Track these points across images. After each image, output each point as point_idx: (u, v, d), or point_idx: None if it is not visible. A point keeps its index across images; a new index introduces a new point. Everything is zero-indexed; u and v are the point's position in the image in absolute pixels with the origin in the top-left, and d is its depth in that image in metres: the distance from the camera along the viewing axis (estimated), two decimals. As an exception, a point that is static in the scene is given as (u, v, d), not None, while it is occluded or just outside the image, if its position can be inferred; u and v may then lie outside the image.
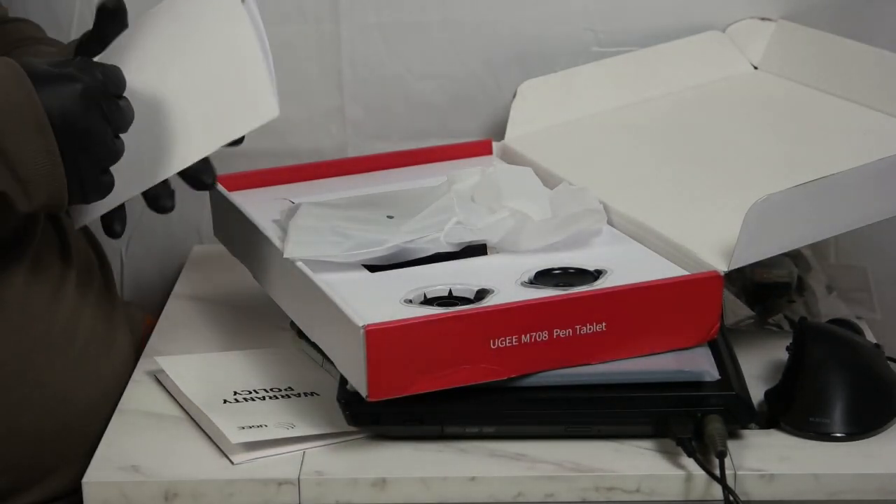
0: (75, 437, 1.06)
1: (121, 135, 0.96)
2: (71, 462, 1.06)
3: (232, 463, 1.01)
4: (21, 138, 0.92)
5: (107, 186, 0.97)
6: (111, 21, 1.04)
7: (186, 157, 0.99)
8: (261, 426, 1.03)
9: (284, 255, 1.06)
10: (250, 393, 1.09)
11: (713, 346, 1.04)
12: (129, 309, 1.24)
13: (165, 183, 1.01)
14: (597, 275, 1.05)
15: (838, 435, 1.03)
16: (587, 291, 1.01)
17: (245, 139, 1.03)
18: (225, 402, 1.08)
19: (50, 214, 1.09)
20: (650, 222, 1.12)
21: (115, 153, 0.96)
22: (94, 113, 0.94)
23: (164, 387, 1.13)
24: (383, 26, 1.39)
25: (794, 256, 1.31)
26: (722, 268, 1.03)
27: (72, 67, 0.94)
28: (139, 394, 1.12)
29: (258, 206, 1.16)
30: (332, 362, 1.03)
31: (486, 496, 1.00)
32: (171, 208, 1.03)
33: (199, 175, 1.02)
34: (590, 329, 1.00)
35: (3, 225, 1.02)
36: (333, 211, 1.12)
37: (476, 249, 1.10)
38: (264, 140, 1.39)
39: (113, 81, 0.95)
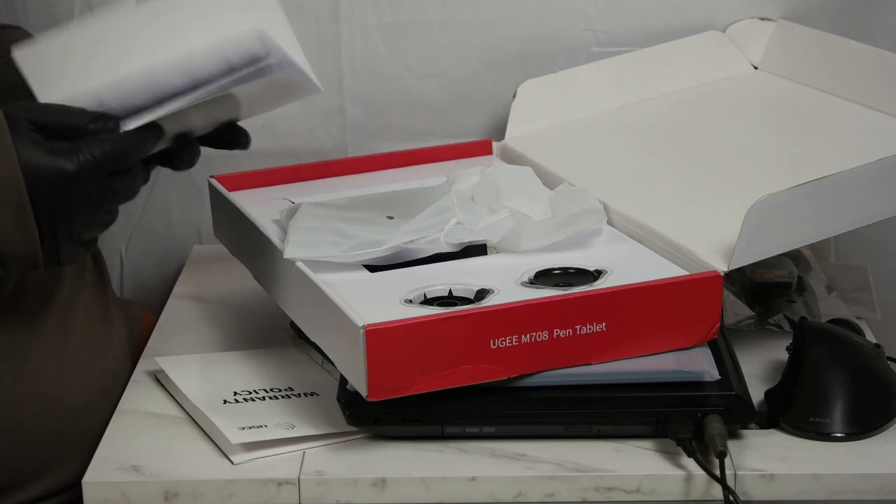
0: (73, 434, 1.06)
1: None
2: (69, 458, 1.06)
3: (232, 463, 1.01)
4: (5, 223, 0.91)
5: (85, 253, 0.96)
6: None
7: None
8: (261, 426, 1.03)
9: (284, 256, 1.06)
10: (250, 393, 1.09)
11: (713, 346, 1.04)
12: (127, 306, 1.24)
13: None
14: (597, 275, 1.05)
15: (838, 435, 1.03)
16: (587, 291, 1.01)
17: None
18: (225, 402, 1.08)
19: None
20: (650, 222, 1.12)
21: (101, 227, 0.95)
22: (81, 196, 0.92)
23: (164, 387, 1.13)
24: (383, 26, 1.39)
25: (794, 256, 1.31)
26: (722, 268, 1.03)
27: (69, 143, 0.92)
28: (139, 394, 1.12)
29: (258, 206, 1.16)
30: (332, 362, 1.03)
31: (486, 496, 1.00)
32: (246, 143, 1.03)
33: (237, 136, 1.02)
34: (590, 329, 1.00)
35: None
36: (333, 211, 1.12)
37: (476, 249, 1.10)
38: (264, 140, 1.39)
39: (113, 158, 0.92)
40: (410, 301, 1.02)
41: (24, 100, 1.06)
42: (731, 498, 0.96)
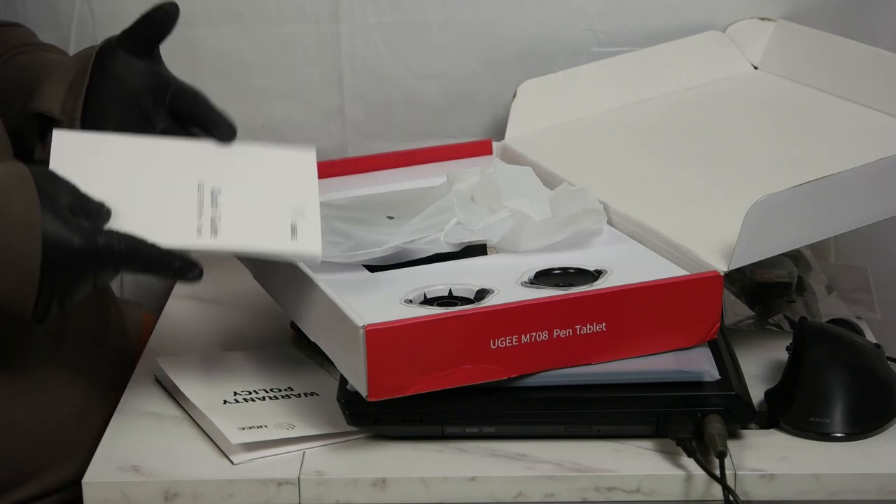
0: (73, 434, 1.06)
1: None
2: (69, 458, 1.06)
3: (232, 463, 1.01)
4: (7, 285, 0.92)
5: (59, 314, 0.97)
6: (159, 26, 1.04)
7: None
8: (261, 426, 1.03)
9: (284, 255, 1.06)
10: (250, 393, 1.09)
11: (713, 346, 1.04)
12: (127, 306, 1.24)
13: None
14: (597, 275, 1.05)
15: (838, 435, 1.03)
16: (587, 291, 1.01)
17: (245, 138, 1.03)
18: (225, 402, 1.08)
19: None
20: (650, 222, 1.12)
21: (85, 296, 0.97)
22: (86, 276, 0.94)
23: (164, 387, 1.13)
24: (383, 26, 1.39)
25: (794, 256, 1.31)
26: (722, 268, 1.03)
27: (90, 225, 0.94)
28: (139, 394, 1.12)
29: (258, 206, 1.16)
30: (332, 362, 1.03)
31: (486, 496, 1.00)
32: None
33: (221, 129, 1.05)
34: (590, 329, 1.00)
35: None
36: (333, 211, 1.12)
37: (476, 249, 1.10)
38: (264, 140, 1.39)
39: (129, 260, 0.94)
40: (410, 301, 1.02)
41: (22, 95, 1.06)
42: (731, 498, 0.96)
